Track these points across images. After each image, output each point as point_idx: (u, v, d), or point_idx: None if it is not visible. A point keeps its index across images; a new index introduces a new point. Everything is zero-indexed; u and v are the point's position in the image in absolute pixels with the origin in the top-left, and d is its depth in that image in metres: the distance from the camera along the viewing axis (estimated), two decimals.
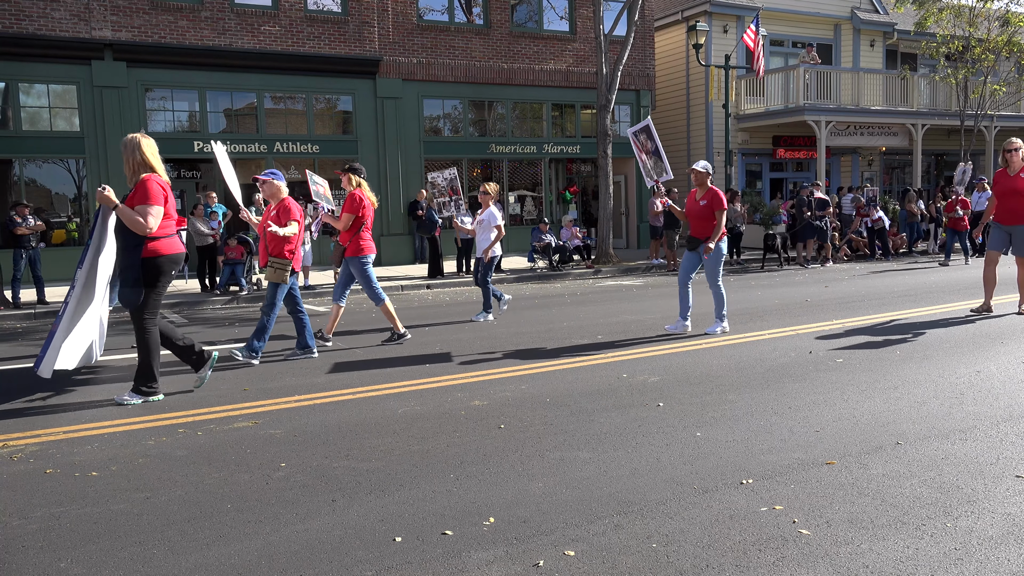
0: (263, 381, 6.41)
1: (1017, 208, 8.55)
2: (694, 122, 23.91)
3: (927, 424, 4.59)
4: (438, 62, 18.96)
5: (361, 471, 4.07)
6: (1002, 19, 22.55)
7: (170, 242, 5.85)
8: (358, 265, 8.03)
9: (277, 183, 7.44)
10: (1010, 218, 8.64)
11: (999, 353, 6.55)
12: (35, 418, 5.40)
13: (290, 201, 7.42)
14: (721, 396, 5.40)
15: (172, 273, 5.90)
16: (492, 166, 20.53)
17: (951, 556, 2.91)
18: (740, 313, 9.45)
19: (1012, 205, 8.60)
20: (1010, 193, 8.61)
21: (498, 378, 6.22)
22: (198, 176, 17.70)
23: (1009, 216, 8.65)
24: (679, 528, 3.23)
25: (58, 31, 15.33)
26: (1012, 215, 8.62)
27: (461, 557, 3.04)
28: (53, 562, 3.11)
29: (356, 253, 8.02)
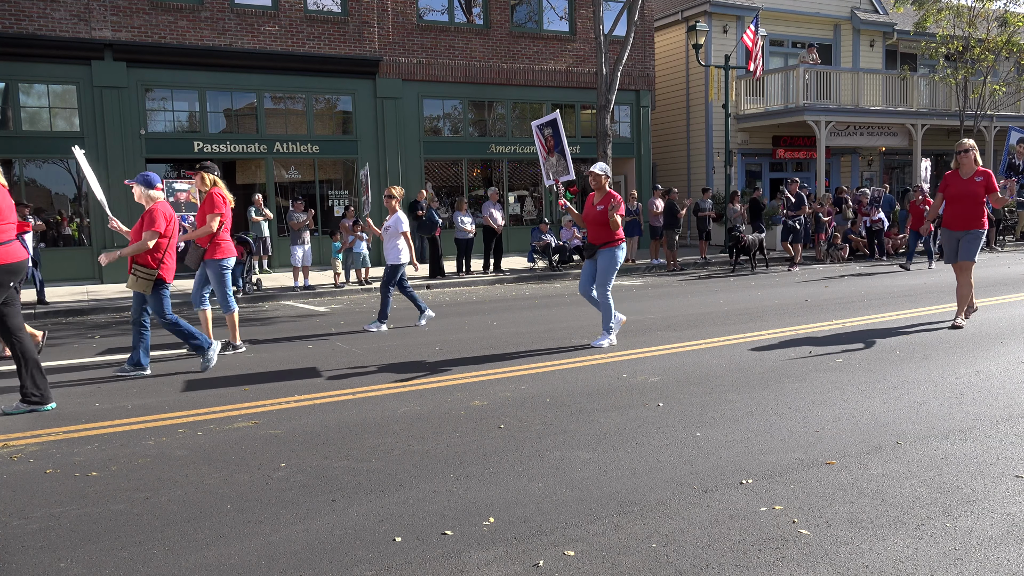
0: (263, 381, 6.41)
1: (968, 213, 8.10)
2: (694, 122, 23.92)
3: (927, 424, 4.59)
4: (438, 62, 18.96)
5: (361, 471, 4.07)
6: (1001, 19, 22.56)
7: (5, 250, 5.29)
8: (216, 268, 7.64)
9: (139, 188, 6.84)
10: (960, 223, 8.16)
11: (999, 353, 6.56)
12: (35, 418, 5.40)
13: (159, 208, 6.76)
14: (721, 396, 5.40)
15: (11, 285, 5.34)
16: (492, 166, 20.54)
17: (951, 556, 2.91)
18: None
19: (962, 210, 8.14)
20: (961, 197, 8.14)
21: (498, 378, 6.22)
22: None
23: (960, 221, 8.17)
24: (679, 528, 3.23)
25: (58, 31, 15.33)
26: (963, 219, 8.14)
27: (461, 557, 3.04)
28: (53, 562, 3.11)
29: (215, 255, 7.62)
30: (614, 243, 7.58)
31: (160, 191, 6.89)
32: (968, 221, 8.09)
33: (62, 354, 8.21)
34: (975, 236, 8.10)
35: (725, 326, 8.51)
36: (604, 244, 7.57)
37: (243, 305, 12.80)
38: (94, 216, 15.99)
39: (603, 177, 7.68)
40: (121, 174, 16.00)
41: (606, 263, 7.57)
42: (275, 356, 7.61)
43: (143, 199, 6.87)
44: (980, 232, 8.11)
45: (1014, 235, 22.81)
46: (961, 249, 8.12)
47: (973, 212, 8.07)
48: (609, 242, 7.57)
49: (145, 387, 6.33)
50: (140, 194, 6.86)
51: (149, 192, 6.84)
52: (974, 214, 8.07)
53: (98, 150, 15.84)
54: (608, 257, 7.57)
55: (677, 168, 24.63)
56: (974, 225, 8.09)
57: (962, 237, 8.13)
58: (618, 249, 7.60)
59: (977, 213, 8.06)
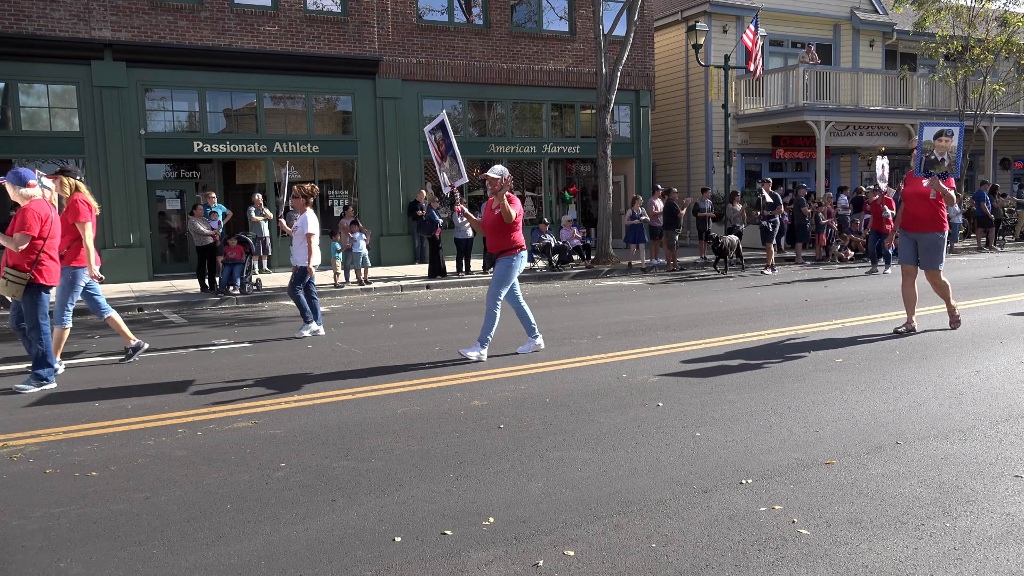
0: (263, 381, 6.41)
1: (922, 213, 7.60)
2: (693, 122, 23.92)
3: (926, 424, 4.59)
4: (438, 62, 18.96)
5: (361, 471, 4.07)
6: (1001, 19, 22.56)
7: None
8: (70, 275, 7.02)
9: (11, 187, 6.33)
10: (915, 224, 7.66)
11: (998, 353, 6.56)
12: (35, 418, 5.40)
13: (32, 208, 6.27)
14: (720, 396, 5.40)
15: None
16: (492, 166, 20.52)
17: (950, 556, 2.91)
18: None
19: (917, 210, 7.64)
20: (917, 196, 7.63)
21: (498, 378, 6.23)
22: (198, 176, 17.70)
23: (914, 222, 7.66)
24: (678, 528, 3.24)
25: (58, 31, 15.32)
26: (917, 221, 7.64)
27: (461, 557, 3.04)
28: (53, 562, 3.11)
29: (72, 263, 7.00)
30: (512, 251, 7.10)
31: (34, 188, 6.41)
32: (923, 223, 7.60)
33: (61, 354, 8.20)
34: (933, 241, 7.59)
35: (724, 326, 8.51)
36: (502, 252, 7.12)
37: (243, 305, 12.80)
38: None
39: (500, 180, 7.14)
40: (121, 174, 16.01)
41: (501, 271, 7.12)
42: (275, 356, 7.61)
43: (17, 198, 6.35)
44: (938, 236, 7.59)
45: (1014, 235, 22.82)
46: (923, 259, 7.65)
47: (928, 213, 7.55)
48: (507, 250, 7.10)
49: (145, 387, 6.33)
50: (13, 193, 6.34)
51: (21, 191, 6.33)
52: (930, 215, 7.55)
53: (98, 150, 15.84)
54: (504, 265, 7.12)
55: (677, 168, 24.63)
56: (930, 227, 7.58)
57: (919, 240, 7.66)
58: (516, 258, 7.12)
59: (933, 214, 7.55)
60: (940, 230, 7.59)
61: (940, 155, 7.36)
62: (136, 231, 16.35)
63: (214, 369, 7.03)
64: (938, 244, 7.60)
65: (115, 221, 16.05)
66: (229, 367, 7.11)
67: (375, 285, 14.37)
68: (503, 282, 7.13)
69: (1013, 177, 28.80)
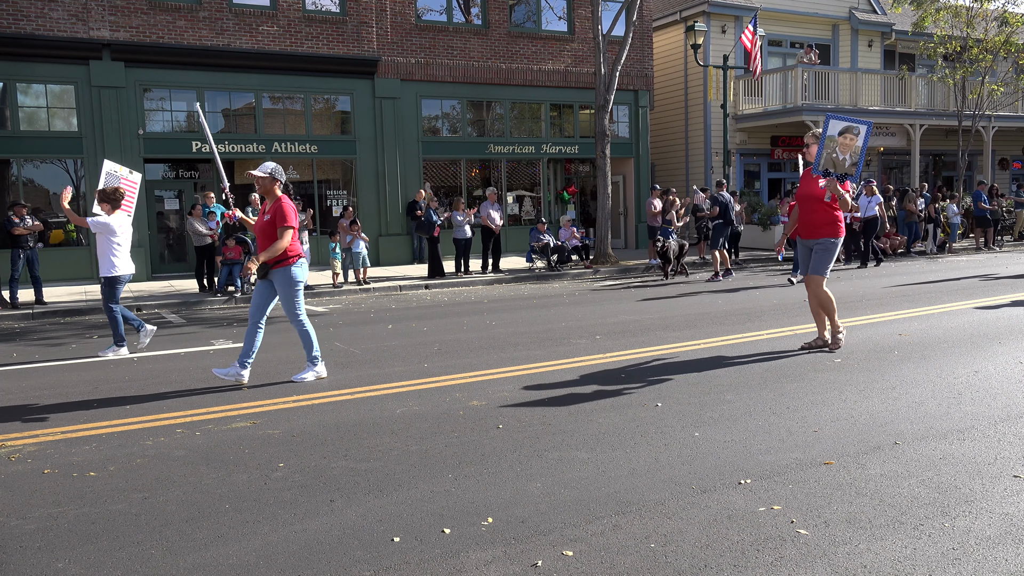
0: (261, 381, 6.41)
1: (817, 218, 6.86)
2: (692, 122, 23.92)
3: (925, 424, 4.59)
4: (436, 62, 18.95)
5: (359, 471, 4.07)
6: (1000, 19, 22.58)
7: None
8: None
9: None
10: (810, 230, 6.93)
11: (997, 353, 6.56)
12: (33, 418, 5.40)
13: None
14: (719, 396, 5.40)
15: None
16: (490, 166, 20.54)
17: (949, 556, 2.91)
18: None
19: (812, 215, 6.89)
20: (812, 200, 6.85)
21: (496, 378, 6.22)
22: (196, 176, 17.68)
23: (806, 227, 6.96)
24: (677, 528, 3.23)
25: (56, 31, 15.31)
26: (812, 227, 6.91)
27: (459, 557, 3.04)
28: (51, 562, 3.11)
29: None
30: (287, 261, 6.24)
31: None
32: (818, 228, 6.87)
33: (60, 354, 8.20)
34: (824, 247, 6.88)
35: (723, 326, 8.51)
36: (276, 263, 6.23)
37: (242, 305, 12.79)
38: None
39: (269, 180, 6.28)
40: None
41: (284, 286, 6.27)
42: (274, 356, 7.61)
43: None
44: (830, 242, 6.85)
45: (1012, 235, 22.83)
46: (812, 261, 6.96)
47: (823, 217, 6.83)
48: (281, 260, 6.23)
49: (143, 387, 6.32)
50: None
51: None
52: (825, 219, 6.83)
53: (96, 150, 15.82)
54: (283, 278, 6.25)
55: (676, 168, 24.63)
56: (825, 232, 6.85)
57: (814, 247, 6.94)
58: (294, 267, 6.27)
59: (829, 218, 6.83)
60: (835, 236, 6.86)
61: (843, 154, 6.59)
62: (135, 231, 16.31)
63: (211, 368, 7.02)
64: (828, 251, 6.87)
65: None
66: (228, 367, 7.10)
67: (374, 285, 14.37)
68: (292, 294, 6.31)
69: (1012, 177, 28.82)
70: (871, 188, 16.54)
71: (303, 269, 6.38)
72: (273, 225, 6.22)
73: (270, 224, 6.24)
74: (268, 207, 6.31)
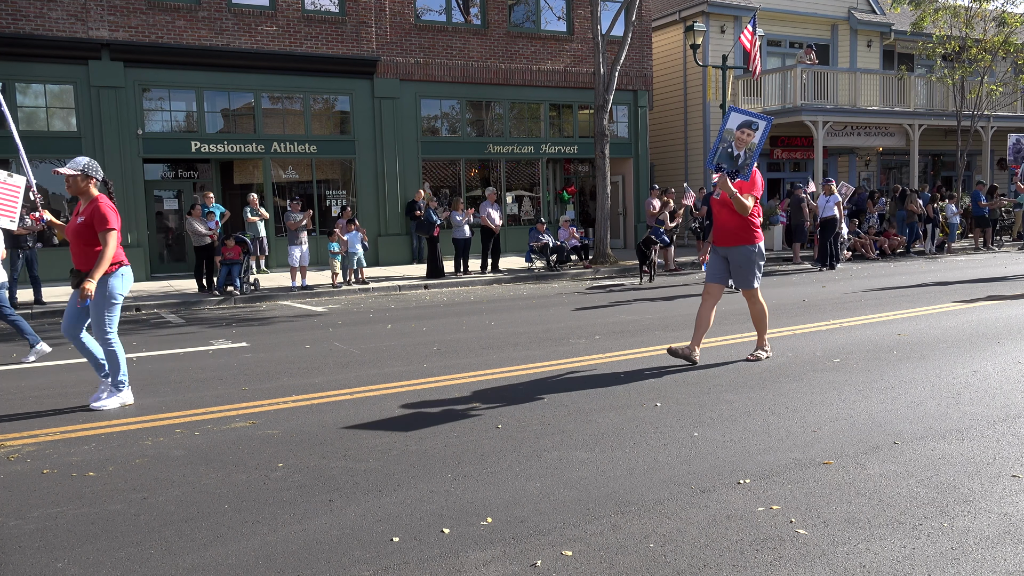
0: (261, 381, 6.41)
1: (731, 223, 6.39)
2: (691, 122, 23.94)
3: (924, 424, 4.59)
4: (436, 62, 18.95)
5: (358, 471, 4.07)
6: (998, 19, 22.60)
7: None
8: None
9: None
10: (724, 237, 6.46)
11: (996, 353, 6.57)
12: (32, 418, 5.39)
13: None
14: (718, 396, 5.41)
15: None
16: (490, 166, 20.54)
17: (948, 556, 2.92)
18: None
19: (726, 220, 6.41)
20: (723, 205, 6.42)
21: (496, 378, 6.22)
22: (195, 176, 17.68)
23: (723, 234, 6.46)
24: (677, 528, 3.24)
25: (55, 31, 15.30)
26: (726, 233, 6.43)
27: (459, 557, 3.04)
28: (50, 562, 3.11)
29: None
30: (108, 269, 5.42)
31: None
32: (732, 235, 6.41)
33: (59, 354, 8.19)
34: (746, 256, 6.40)
35: (721, 326, 8.51)
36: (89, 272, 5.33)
37: (241, 305, 12.79)
38: None
39: (81, 178, 5.46)
40: (119, 174, 15.98)
41: (99, 298, 5.41)
42: (273, 356, 7.61)
43: None
44: (749, 249, 6.41)
45: (1011, 235, 22.85)
46: (736, 277, 6.52)
47: (737, 222, 6.37)
48: None
49: (143, 387, 6.32)
50: None
51: None
52: (738, 225, 6.37)
53: (95, 150, 15.82)
54: (100, 290, 5.41)
55: (675, 168, 24.64)
56: (740, 239, 6.39)
57: (729, 256, 6.48)
58: (112, 277, 5.44)
59: (742, 224, 6.36)
60: (751, 242, 6.38)
61: (738, 149, 6.14)
62: (134, 231, 16.33)
63: (212, 369, 7.03)
64: (751, 259, 6.40)
65: None
66: (227, 367, 7.10)
67: (373, 285, 14.37)
68: (105, 308, 5.46)
69: (1010, 176, 28.84)
70: (830, 188, 16.14)
71: (124, 280, 5.56)
72: (90, 228, 5.41)
73: (86, 227, 5.42)
74: (83, 208, 5.49)
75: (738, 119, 6.21)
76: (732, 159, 6.16)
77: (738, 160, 6.14)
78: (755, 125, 6.14)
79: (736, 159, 6.15)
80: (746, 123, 6.16)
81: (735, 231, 6.38)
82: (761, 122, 6.14)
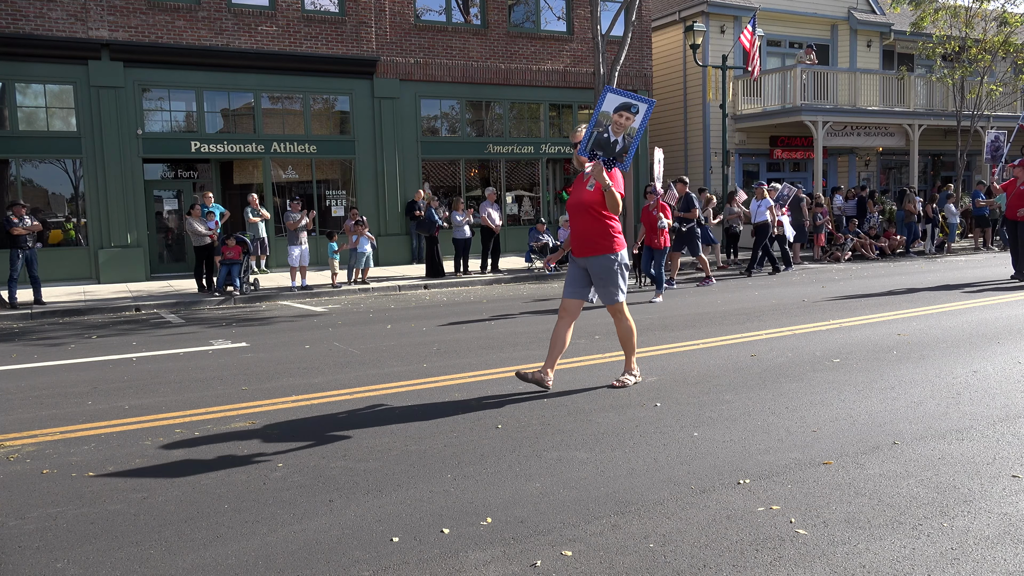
0: (261, 381, 6.41)
1: (588, 229, 5.57)
2: (691, 122, 23.94)
3: (924, 424, 4.59)
4: (435, 62, 18.95)
5: (358, 471, 4.07)
6: (999, 19, 22.60)
7: None
8: None
9: None
10: (580, 245, 5.64)
11: (996, 353, 6.57)
12: (32, 418, 5.39)
13: None
14: (718, 396, 5.41)
15: None
16: (489, 166, 20.54)
17: (947, 556, 2.92)
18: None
19: (582, 226, 5.59)
20: (581, 208, 5.58)
21: (495, 378, 6.22)
22: (195, 176, 17.68)
23: (579, 243, 5.64)
24: (676, 528, 3.24)
25: (55, 31, 15.30)
26: (582, 241, 5.62)
27: (459, 557, 3.04)
28: (50, 562, 3.11)
29: None
30: None
31: None
32: (589, 243, 5.58)
33: (59, 354, 8.20)
34: (606, 267, 5.58)
35: (722, 326, 8.51)
36: None
37: (241, 305, 12.79)
38: (91, 216, 15.97)
39: None
40: (118, 174, 15.98)
41: None
42: (272, 356, 7.61)
43: None
44: (609, 259, 5.57)
45: None
46: (599, 291, 5.74)
47: (594, 228, 5.55)
48: None
49: (142, 387, 6.32)
50: None
51: None
52: (596, 231, 5.55)
53: (95, 150, 15.83)
54: None
55: (675, 168, 24.62)
56: (598, 248, 5.57)
57: (588, 267, 5.65)
58: None
59: (600, 230, 5.56)
60: (611, 251, 5.57)
61: (615, 135, 5.44)
62: (133, 231, 16.33)
63: (211, 369, 7.03)
64: (611, 270, 5.59)
65: (112, 221, 16.04)
66: (227, 367, 7.10)
67: (373, 285, 14.37)
68: None
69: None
70: (761, 192, 14.98)
71: None
72: None
73: None
74: None
75: (615, 100, 5.47)
76: (609, 146, 5.44)
77: (615, 147, 5.43)
78: (634, 108, 5.44)
79: (613, 145, 5.43)
80: (624, 105, 5.45)
81: (594, 238, 5.56)
82: (642, 104, 5.45)
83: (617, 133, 5.43)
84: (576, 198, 5.63)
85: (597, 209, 5.52)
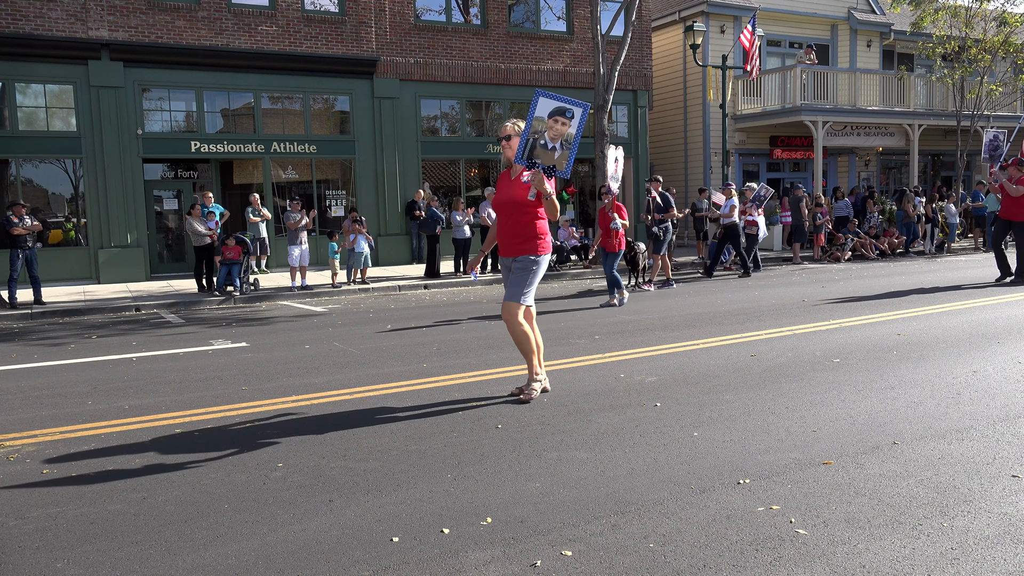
0: (261, 381, 6.41)
1: (516, 228, 5.38)
2: (691, 122, 23.94)
3: (924, 424, 4.59)
4: (435, 62, 18.95)
5: (358, 471, 4.07)
6: (998, 19, 22.60)
7: None
8: None
9: None
10: (508, 244, 5.45)
11: (996, 353, 6.56)
12: (31, 418, 5.39)
13: None
14: (718, 396, 5.40)
15: None
16: (489, 166, 20.53)
17: (947, 556, 2.92)
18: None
19: (510, 224, 5.41)
20: (510, 206, 5.39)
21: (495, 378, 6.22)
22: (195, 176, 17.68)
23: (506, 241, 5.46)
24: (676, 528, 3.24)
25: (55, 31, 15.30)
26: (510, 239, 5.43)
27: (459, 557, 3.04)
28: (50, 562, 3.11)
29: None
30: None
31: None
32: (517, 241, 5.39)
33: (59, 354, 8.20)
34: (524, 267, 5.38)
35: (722, 326, 8.51)
36: None
37: (241, 305, 12.79)
38: (91, 216, 15.97)
39: None
40: (118, 174, 15.98)
41: None
42: (272, 356, 7.61)
43: None
44: (531, 260, 5.38)
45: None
46: (506, 286, 5.48)
47: (522, 227, 5.37)
48: None
49: (142, 387, 6.32)
50: None
51: None
52: (525, 230, 5.37)
53: (95, 150, 15.82)
54: None
55: (675, 168, 24.65)
56: (524, 248, 5.38)
57: (512, 266, 5.46)
58: None
59: (528, 229, 5.37)
60: (535, 253, 5.38)
61: (552, 142, 5.25)
62: (133, 231, 16.33)
63: (211, 369, 7.03)
64: (530, 269, 5.37)
65: (112, 221, 16.04)
66: (226, 367, 7.10)
67: (373, 285, 14.37)
68: None
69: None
70: (729, 192, 14.87)
71: None
72: None
73: None
74: None
75: (548, 105, 5.24)
76: (547, 153, 5.24)
77: (554, 153, 5.24)
78: (569, 112, 5.24)
79: (552, 152, 5.24)
80: (559, 110, 5.23)
81: (520, 238, 5.38)
82: (576, 109, 5.23)
83: (554, 140, 5.25)
84: (505, 196, 5.42)
85: (527, 208, 5.34)
